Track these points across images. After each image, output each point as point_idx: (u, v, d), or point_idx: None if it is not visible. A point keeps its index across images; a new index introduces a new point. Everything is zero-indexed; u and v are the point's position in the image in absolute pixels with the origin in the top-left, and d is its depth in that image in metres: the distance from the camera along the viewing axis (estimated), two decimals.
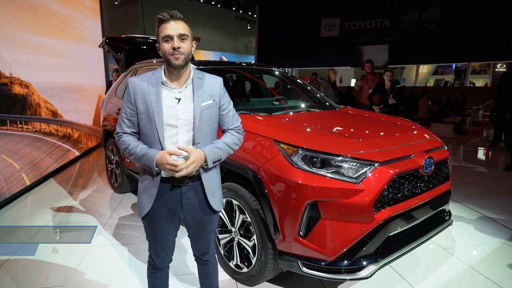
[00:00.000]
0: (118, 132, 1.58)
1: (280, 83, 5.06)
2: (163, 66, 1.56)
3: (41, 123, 4.92)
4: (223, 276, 2.42)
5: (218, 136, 1.65)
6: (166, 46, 1.46)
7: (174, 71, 1.50)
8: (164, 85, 1.52)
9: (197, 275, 1.86)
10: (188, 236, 1.74)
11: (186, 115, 1.51)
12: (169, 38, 1.45)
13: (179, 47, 1.44)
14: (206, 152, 1.51)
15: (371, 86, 6.17)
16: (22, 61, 4.43)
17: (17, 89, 4.27)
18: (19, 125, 4.35)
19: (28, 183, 4.30)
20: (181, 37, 1.46)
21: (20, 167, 4.21)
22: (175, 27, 1.45)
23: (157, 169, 1.48)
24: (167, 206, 1.58)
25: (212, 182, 1.61)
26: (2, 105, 3.98)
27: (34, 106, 4.69)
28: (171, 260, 1.76)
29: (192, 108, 1.51)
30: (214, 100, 1.58)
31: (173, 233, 1.68)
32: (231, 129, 1.66)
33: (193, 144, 1.53)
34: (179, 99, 1.52)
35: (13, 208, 3.79)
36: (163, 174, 1.53)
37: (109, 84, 6.73)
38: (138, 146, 1.51)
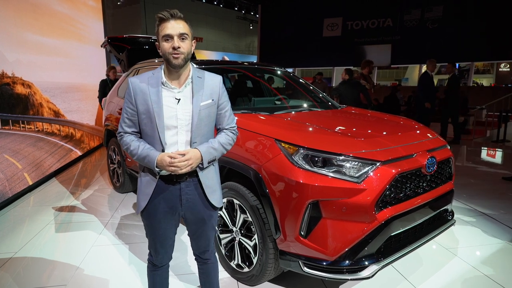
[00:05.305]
0: (120, 132, 1.59)
1: (289, 84, 5.11)
2: (162, 66, 1.55)
3: (44, 123, 4.94)
4: (224, 275, 2.41)
5: (214, 133, 1.66)
6: (166, 46, 1.46)
7: (173, 70, 1.50)
8: (164, 86, 1.52)
9: (197, 274, 1.86)
10: (188, 234, 1.74)
11: (185, 115, 1.51)
12: (169, 37, 1.45)
13: (179, 47, 1.44)
14: (202, 152, 1.52)
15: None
16: (25, 61, 4.45)
17: (19, 89, 4.28)
18: (22, 125, 4.36)
19: (30, 183, 4.32)
20: (181, 36, 1.46)
21: (23, 166, 4.23)
22: (175, 27, 1.45)
23: (157, 169, 1.50)
24: (166, 202, 1.58)
25: (210, 179, 1.61)
26: (5, 104, 4.00)
27: (36, 106, 4.70)
28: (171, 258, 1.76)
29: (191, 108, 1.52)
30: (213, 100, 1.58)
31: (173, 230, 1.68)
32: (226, 129, 1.66)
33: (191, 143, 1.53)
34: (179, 100, 1.52)
35: (15, 208, 3.81)
36: (163, 172, 1.54)
37: (101, 84, 6.39)
38: (139, 147, 1.52)
